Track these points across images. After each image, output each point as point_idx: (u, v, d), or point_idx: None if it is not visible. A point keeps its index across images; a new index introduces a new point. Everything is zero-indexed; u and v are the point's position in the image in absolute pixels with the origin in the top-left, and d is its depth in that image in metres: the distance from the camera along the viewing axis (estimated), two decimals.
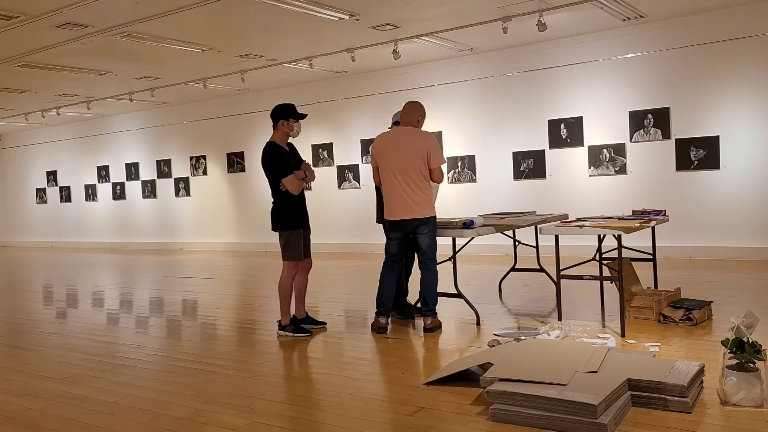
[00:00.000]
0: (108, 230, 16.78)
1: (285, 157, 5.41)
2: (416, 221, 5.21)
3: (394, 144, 5.29)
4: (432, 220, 5.28)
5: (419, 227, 5.23)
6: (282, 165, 5.35)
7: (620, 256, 4.91)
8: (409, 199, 5.17)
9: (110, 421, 3.58)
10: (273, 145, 5.41)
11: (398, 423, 3.35)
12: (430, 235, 5.28)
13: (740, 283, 7.19)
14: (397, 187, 5.20)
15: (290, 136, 5.51)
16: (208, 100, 14.07)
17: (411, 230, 5.26)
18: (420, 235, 5.25)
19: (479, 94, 10.81)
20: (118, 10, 7.57)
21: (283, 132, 5.45)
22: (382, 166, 5.31)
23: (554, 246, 5.08)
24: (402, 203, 5.20)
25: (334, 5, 7.74)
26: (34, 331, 6.36)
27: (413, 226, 5.23)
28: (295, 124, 5.44)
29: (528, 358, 3.79)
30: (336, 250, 12.29)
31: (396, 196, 5.22)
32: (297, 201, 5.48)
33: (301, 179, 5.41)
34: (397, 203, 5.22)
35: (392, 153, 5.25)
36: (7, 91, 12.18)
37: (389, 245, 5.43)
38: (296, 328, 5.52)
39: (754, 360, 3.24)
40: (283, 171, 5.34)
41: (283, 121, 5.42)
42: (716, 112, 8.87)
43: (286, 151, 5.46)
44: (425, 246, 5.27)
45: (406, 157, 5.19)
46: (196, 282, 9.58)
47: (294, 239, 5.49)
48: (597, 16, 8.65)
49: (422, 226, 5.23)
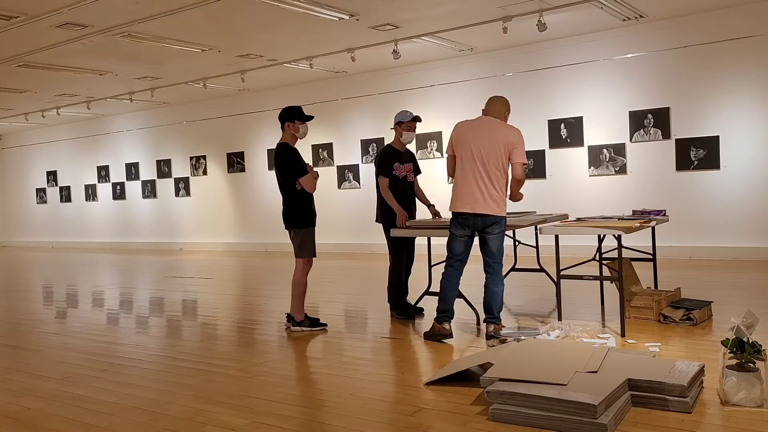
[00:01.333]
0: (108, 230, 16.78)
1: (298, 157, 5.52)
2: (489, 218, 4.79)
3: (478, 132, 4.85)
4: (504, 221, 4.89)
5: (490, 226, 4.82)
6: (297, 165, 5.45)
7: (620, 256, 4.91)
8: (486, 193, 4.75)
9: (110, 421, 3.58)
10: (286, 146, 5.49)
11: (398, 423, 3.35)
12: (501, 237, 4.89)
13: (740, 283, 7.19)
14: (474, 176, 4.77)
15: (297, 138, 5.57)
16: (208, 100, 14.07)
17: (481, 228, 4.84)
18: (490, 235, 4.85)
19: (479, 94, 10.78)
20: (118, 10, 7.57)
21: (290, 134, 5.53)
22: (460, 154, 4.87)
23: (554, 246, 5.08)
24: (476, 195, 4.76)
25: (334, 5, 7.74)
26: (34, 331, 6.36)
27: (485, 223, 4.81)
28: (301, 126, 5.52)
29: (528, 358, 3.79)
30: (336, 250, 12.29)
31: (468, 186, 4.79)
32: (309, 200, 5.55)
33: (315, 178, 5.50)
34: (471, 195, 4.78)
35: (474, 141, 4.81)
36: (7, 91, 12.18)
37: (454, 244, 4.96)
38: (312, 322, 5.59)
39: (754, 360, 3.24)
40: (299, 170, 5.43)
41: (289, 123, 5.52)
42: (716, 112, 8.87)
43: (298, 151, 5.56)
44: (495, 248, 4.88)
45: (488, 146, 4.76)
46: (196, 282, 9.58)
47: (309, 237, 5.57)
48: (597, 16, 8.65)
49: (494, 225, 4.84)
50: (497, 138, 4.78)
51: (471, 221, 4.83)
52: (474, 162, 4.78)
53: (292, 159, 5.45)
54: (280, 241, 14.12)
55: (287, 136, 5.53)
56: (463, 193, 4.83)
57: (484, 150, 4.76)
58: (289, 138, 5.52)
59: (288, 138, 5.52)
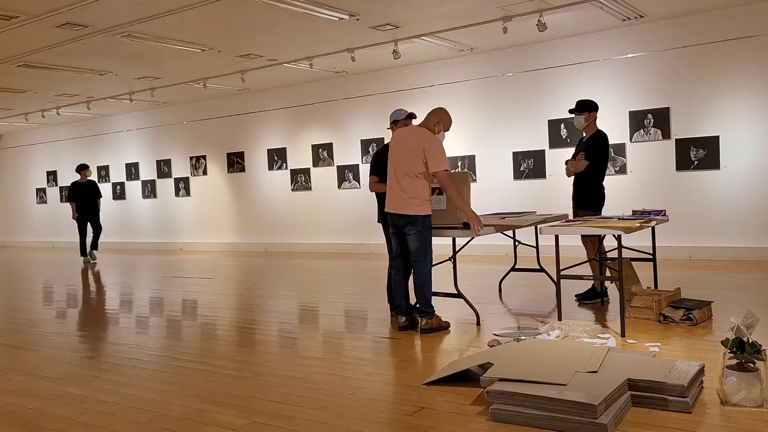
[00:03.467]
0: (108, 230, 16.67)
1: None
2: (403, 218, 5.19)
3: (396, 141, 5.38)
4: (420, 220, 5.16)
5: (405, 226, 5.21)
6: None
7: (620, 256, 4.91)
8: (398, 194, 5.19)
9: (110, 421, 3.58)
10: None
11: (398, 423, 3.35)
12: (418, 237, 5.18)
13: (740, 283, 7.19)
14: (391, 181, 5.27)
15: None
16: (208, 100, 14.07)
17: (402, 226, 5.25)
18: (408, 235, 5.23)
19: (479, 94, 10.81)
20: (118, 10, 7.57)
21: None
22: (388, 163, 5.38)
23: (554, 246, 5.08)
24: (392, 197, 5.25)
25: (334, 5, 7.74)
26: (34, 331, 6.36)
27: (401, 224, 5.23)
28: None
29: (528, 358, 3.80)
30: (336, 250, 12.29)
31: (389, 190, 5.30)
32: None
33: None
34: (390, 197, 5.29)
35: (393, 149, 5.35)
36: (7, 91, 12.18)
37: (389, 241, 5.52)
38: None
39: (754, 360, 3.24)
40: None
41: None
42: (716, 112, 8.87)
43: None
44: (413, 247, 5.22)
45: (402, 153, 5.22)
46: (196, 282, 9.58)
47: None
48: (597, 16, 8.65)
49: (409, 226, 5.18)
50: (410, 146, 5.19)
51: (392, 219, 5.29)
52: (392, 169, 5.29)
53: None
54: (279, 241, 14.18)
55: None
56: (387, 196, 5.36)
57: (400, 157, 5.23)
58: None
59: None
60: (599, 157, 6.06)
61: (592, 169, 6.02)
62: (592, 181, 6.06)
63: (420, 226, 5.16)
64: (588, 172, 6.03)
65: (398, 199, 5.19)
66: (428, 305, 5.29)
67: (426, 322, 5.28)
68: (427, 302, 5.29)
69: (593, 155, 6.01)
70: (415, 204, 5.13)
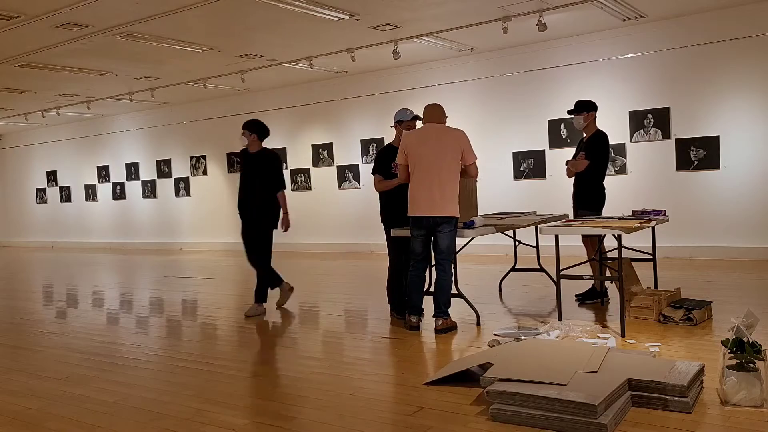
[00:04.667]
0: (108, 230, 16.78)
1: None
2: (439, 219, 5.12)
3: (427, 140, 5.21)
4: (455, 220, 5.20)
5: (441, 225, 5.15)
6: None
7: (620, 256, 4.91)
8: (436, 196, 5.09)
9: (110, 421, 3.58)
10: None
11: (398, 423, 3.35)
12: (451, 235, 5.20)
13: (740, 283, 7.19)
14: (427, 182, 5.11)
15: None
16: (208, 100, 14.07)
17: (433, 227, 5.17)
18: (440, 233, 5.17)
19: (479, 94, 10.81)
20: (118, 10, 7.57)
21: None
22: (413, 162, 5.20)
23: (554, 246, 5.08)
24: (429, 199, 5.11)
25: (334, 5, 7.74)
26: (34, 331, 6.36)
27: (436, 223, 5.14)
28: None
29: (528, 358, 3.80)
30: (336, 250, 12.29)
31: (424, 192, 5.13)
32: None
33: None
34: (424, 199, 5.13)
35: (424, 148, 5.17)
36: (7, 91, 12.18)
37: (413, 244, 5.31)
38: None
39: (754, 360, 3.24)
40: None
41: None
42: (716, 112, 8.87)
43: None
44: (444, 246, 5.18)
45: (439, 153, 5.12)
46: (196, 282, 9.58)
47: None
48: (597, 16, 8.65)
49: (444, 225, 5.15)
50: (447, 144, 5.15)
51: (425, 222, 5.18)
52: (426, 169, 5.13)
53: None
54: (279, 240, 14.12)
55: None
56: (418, 198, 5.18)
57: (437, 156, 5.12)
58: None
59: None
60: (599, 157, 6.06)
61: (593, 169, 6.02)
62: (593, 181, 6.06)
63: (453, 226, 5.21)
64: (588, 172, 6.03)
65: (437, 200, 5.09)
66: (449, 305, 5.31)
67: (442, 322, 5.26)
68: (449, 302, 5.31)
69: (593, 155, 6.01)
70: (455, 205, 5.17)
